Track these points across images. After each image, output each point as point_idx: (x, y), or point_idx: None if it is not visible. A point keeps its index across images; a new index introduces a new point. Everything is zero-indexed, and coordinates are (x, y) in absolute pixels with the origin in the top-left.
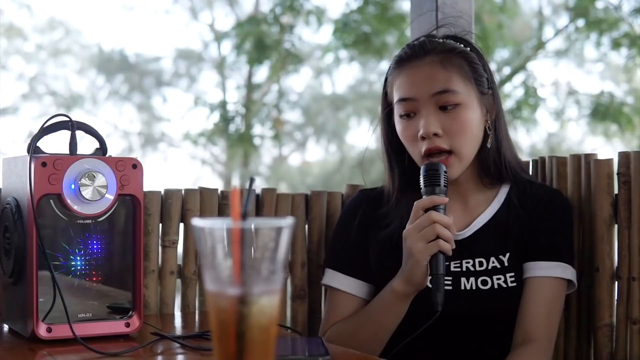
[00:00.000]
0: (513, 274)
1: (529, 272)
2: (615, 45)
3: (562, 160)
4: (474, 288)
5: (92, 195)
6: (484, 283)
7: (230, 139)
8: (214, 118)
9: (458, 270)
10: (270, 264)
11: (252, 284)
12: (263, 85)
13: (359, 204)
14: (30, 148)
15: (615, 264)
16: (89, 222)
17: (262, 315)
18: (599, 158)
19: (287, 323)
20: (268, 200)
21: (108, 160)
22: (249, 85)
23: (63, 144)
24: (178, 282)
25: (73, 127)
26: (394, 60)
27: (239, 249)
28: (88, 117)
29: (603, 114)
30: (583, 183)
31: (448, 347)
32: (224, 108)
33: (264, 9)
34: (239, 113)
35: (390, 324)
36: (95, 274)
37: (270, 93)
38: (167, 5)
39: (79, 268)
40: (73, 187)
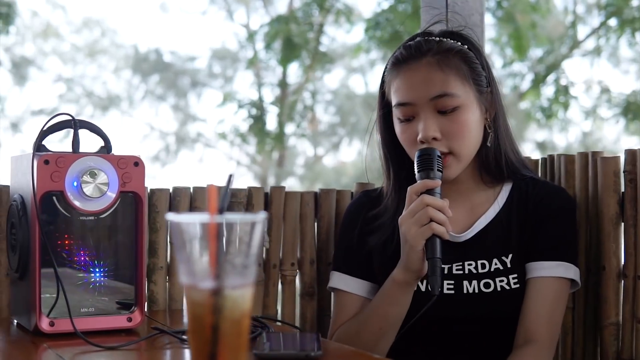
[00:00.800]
0: (516, 275)
1: (531, 272)
2: None
3: (570, 158)
4: (477, 291)
5: (93, 192)
6: (487, 286)
7: (264, 139)
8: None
9: (460, 273)
10: (244, 258)
11: (226, 278)
12: (296, 85)
13: (361, 205)
14: (34, 146)
15: (622, 263)
16: (92, 218)
17: (235, 308)
18: (606, 156)
19: (296, 320)
20: (276, 198)
21: (110, 158)
22: (283, 85)
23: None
24: None
25: (76, 125)
26: (391, 61)
27: (215, 243)
28: (124, 117)
29: (635, 113)
30: (590, 181)
31: (451, 349)
32: (259, 108)
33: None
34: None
35: (395, 317)
36: (98, 270)
37: (304, 93)
38: (202, 6)
39: (82, 264)
40: (75, 184)
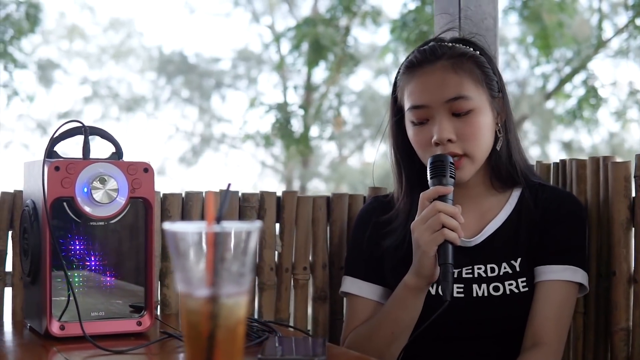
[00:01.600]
0: (525, 279)
1: (540, 276)
2: None
3: (581, 163)
4: (486, 295)
5: (103, 198)
6: (496, 289)
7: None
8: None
9: (470, 277)
10: (240, 266)
11: (222, 286)
12: (321, 86)
13: (373, 210)
14: (45, 152)
15: (632, 268)
16: (102, 224)
17: (230, 316)
18: (617, 161)
19: (308, 324)
20: (289, 203)
21: (120, 164)
22: (308, 87)
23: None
24: None
25: (86, 132)
26: (404, 65)
27: (212, 252)
28: (149, 119)
29: None
30: (601, 186)
31: (460, 352)
32: (284, 110)
33: (322, 11)
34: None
35: (406, 322)
36: (109, 275)
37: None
38: (227, 8)
39: (93, 268)
40: (85, 190)
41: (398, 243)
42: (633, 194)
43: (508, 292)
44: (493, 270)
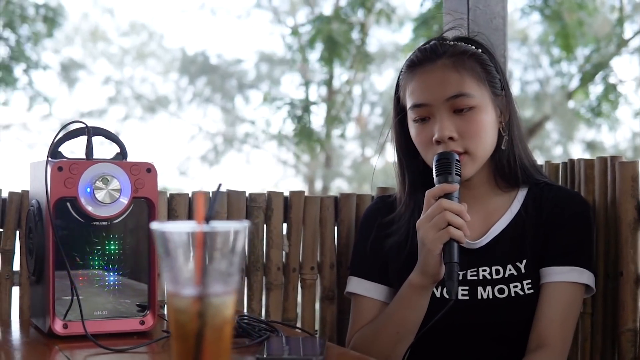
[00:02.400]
0: (530, 281)
1: (545, 277)
2: None
3: (589, 163)
4: (491, 297)
5: (105, 198)
6: (501, 291)
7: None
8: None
9: (474, 279)
10: (228, 266)
11: (209, 285)
12: (343, 86)
13: (377, 210)
14: (48, 153)
15: None
16: (105, 224)
17: (217, 315)
18: (624, 161)
19: (315, 324)
20: (296, 203)
21: (122, 165)
22: (329, 86)
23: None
24: None
25: (89, 132)
26: (406, 65)
27: (201, 251)
28: (172, 119)
29: None
30: (609, 186)
31: (465, 354)
32: (305, 109)
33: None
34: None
35: (411, 321)
36: (112, 274)
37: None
38: (249, 8)
39: (96, 268)
40: (88, 190)
41: (402, 243)
42: None
43: (513, 294)
44: (498, 272)
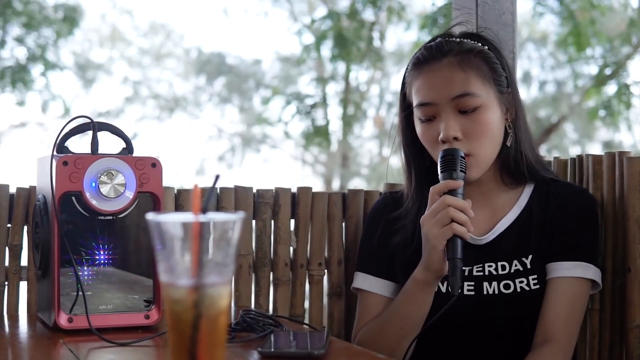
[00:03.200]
0: (536, 276)
1: (551, 273)
2: None
3: (597, 159)
4: (497, 293)
5: (110, 193)
6: (507, 287)
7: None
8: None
9: (480, 275)
10: (223, 257)
11: (205, 276)
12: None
13: (384, 206)
14: (53, 148)
15: None
16: (110, 218)
17: (213, 306)
18: (632, 156)
19: (323, 320)
20: (304, 199)
21: (127, 159)
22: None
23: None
24: None
25: (94, 127)
26: (412, 62)
27: (197, 242)
28: (190, 119)
29: None
30: (617, 181)
31: (471, 349)
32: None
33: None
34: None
35: (416, 317)
36: (117, 268)
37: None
38: (266, 8)
39: (102, 262)
40: (93, 184)
41: (408, 239)
42: None
43: (519, 289)
44: (504, 268)
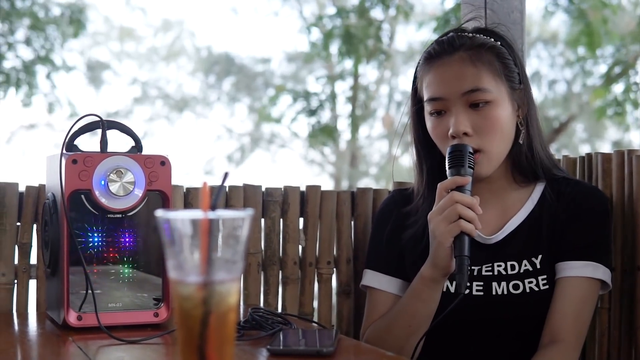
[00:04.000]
0: (545, 277)
1: (560, 272)
2: None
3: (607, 157)
4: (506, 293)
5: (120, 191)
6: (516, 287)
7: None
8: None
9: (489, 274)
10: (232, 254)
11: (214, 273)
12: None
13: (393, 204)
14: (63, 146)
15: None
16: (120, 216)
17: (222, 302)
18: None
19: (332, 318)
20: (312, 198)
21: (137, 158)
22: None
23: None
24: None
25: (103, 125)
26: (423, 56)
27: (206, 239)
28: (199, 119)
29: None
30: (626, 179)
31: (479, 349)
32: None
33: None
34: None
35: (423, 314)
36: (127, 266)
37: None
38: (276, 7)
39: (111, 260)
40: (102, 183)
41: (418, 235)
42: None
43: (528, 290)
44: (513, 268)
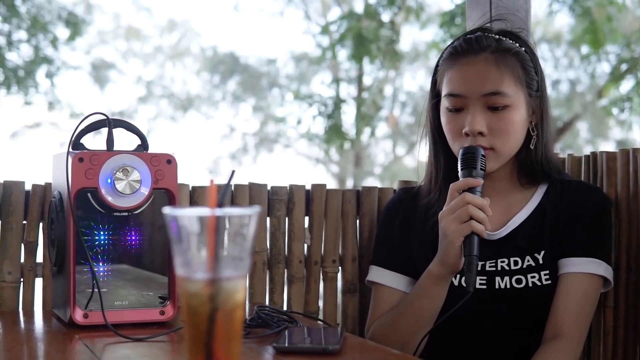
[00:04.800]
0: (548, 272)
1: (562, 268)
2: None
3: (611, 155)
4: (508, 287)
5: (126, 189)
6: (519, 282)
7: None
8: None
9: (493, 270)
10: (239, 251)
11: (221, 270)
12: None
13: (400, 201)
14: (69, 145)
15: None
16: (126, 214)
17: (229, 299)
18: None
19: (338, 317)
20: (318, 196)
21: (143, 156)
22: (360, 84)
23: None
24: None
25: (110, 124)
26: (448, 51)
27: (213, 236)
28: (204, 118)
29: None
30: (631, 178)
31: (482, 343)
32: (336, 107)
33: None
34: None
35: (429, 310)
36: (133, 264)
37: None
38: (281, 7)
39: (117, 258)
40: (109, 181)
41: (428, 230)
42: None
43: (530, 284)
44: (516, 264)
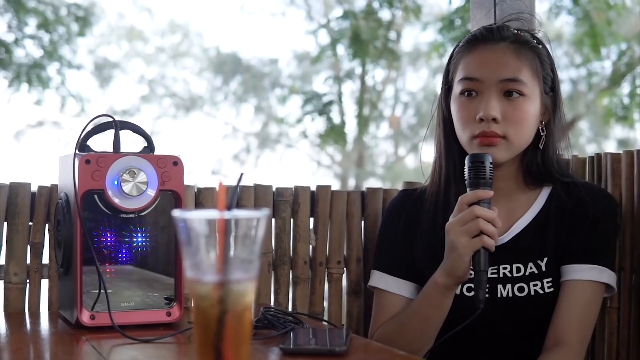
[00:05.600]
0: (550, 280)
1: (565, 275)
2: None
3: (616, 157)
4: (510, 295)
5: (132, 191)
6: (521, 290)
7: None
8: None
9: (495, 277)
10: (249, 253)
11: (230, 272)
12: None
13: (402, 204)
14: (76, 146)
15: None
16: (132, 216)
17: (238, 301)
18: None
19: (342, 318)
20: (323, 198)
21: (149, 158)
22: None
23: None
24: None
25: (116, 126)
26: (466, 39)
27: (222, 239)
28: (207, 118)
29: None
30: (635, 179)
31: (483, 351)
32: (330, 103)
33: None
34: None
35: (435, 319)
36: (139, 266)
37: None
38: (283, 7)
39: (124, 260)
40: (115, 183)
41: (431, 233)
42: None
43: (533, 292)
44: (519, 270)
